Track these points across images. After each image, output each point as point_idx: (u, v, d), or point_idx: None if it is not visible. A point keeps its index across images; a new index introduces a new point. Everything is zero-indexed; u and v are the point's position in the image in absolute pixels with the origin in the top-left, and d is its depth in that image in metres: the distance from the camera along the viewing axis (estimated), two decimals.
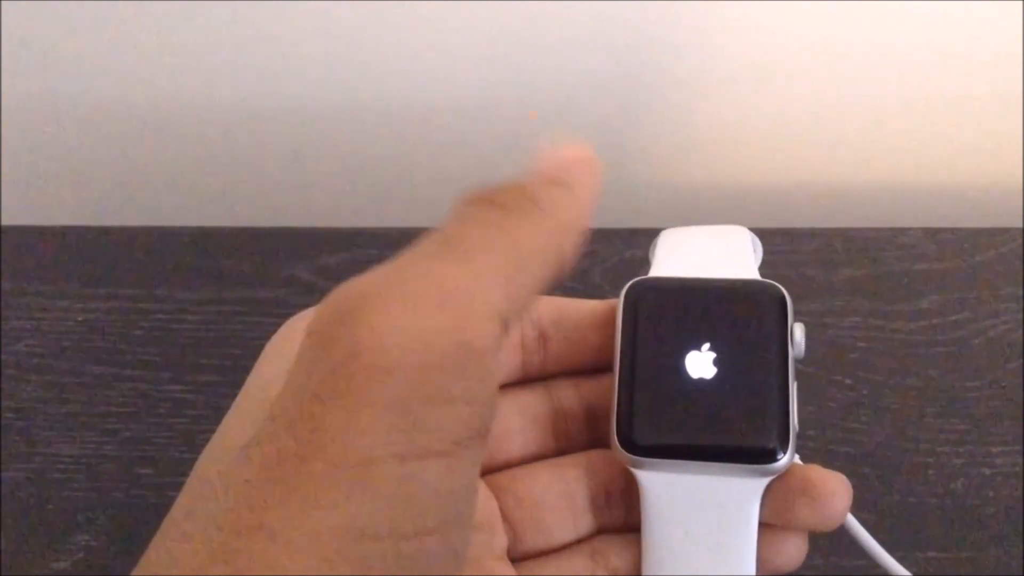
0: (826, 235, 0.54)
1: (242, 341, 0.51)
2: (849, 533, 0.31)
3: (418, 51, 0.59)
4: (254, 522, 0.20)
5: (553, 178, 0.24)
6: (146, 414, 0.48)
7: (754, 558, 0.27)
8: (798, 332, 0.28)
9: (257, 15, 0.58)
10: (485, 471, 0.29)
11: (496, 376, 0.22)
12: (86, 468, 0.47)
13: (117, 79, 0.61)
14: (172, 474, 0.46)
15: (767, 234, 0.32)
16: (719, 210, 0.64)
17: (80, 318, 0.52)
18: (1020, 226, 0.54)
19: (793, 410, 0.27)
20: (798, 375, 0.28)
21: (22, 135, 0.64)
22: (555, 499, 0.28)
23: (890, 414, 0.47)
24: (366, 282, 0.21)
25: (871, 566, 0.32)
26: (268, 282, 0.53)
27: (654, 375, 0.28)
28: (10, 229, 0.57)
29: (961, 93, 0.59)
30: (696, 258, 0.30)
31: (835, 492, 0.27)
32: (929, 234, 0.54)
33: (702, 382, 0.28)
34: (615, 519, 0.29)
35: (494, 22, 0.58)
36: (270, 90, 0.62)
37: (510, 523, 0.28)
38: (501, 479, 0.29)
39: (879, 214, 0.64)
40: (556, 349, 0.30)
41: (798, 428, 0.27)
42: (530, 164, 0.25)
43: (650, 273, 0.30)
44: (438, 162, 0.65)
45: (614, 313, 0.29)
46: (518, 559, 0.28)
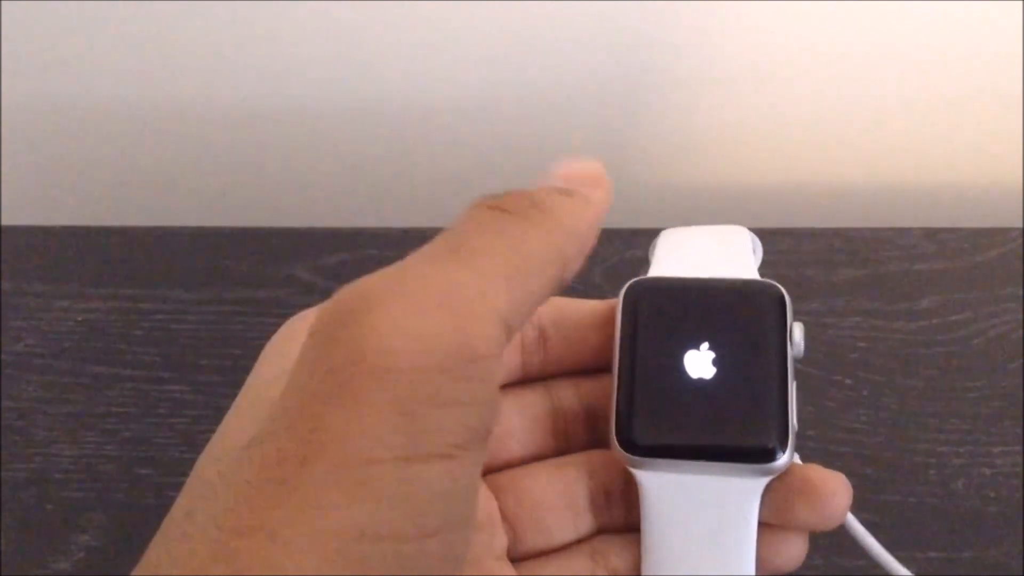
0: (826, 235, 0.54)
1: (242, 341, 0.51)
2: (849, 533, 0.31)
3: (418, 51, 0.59)
4: (254, 522, 0.20)
5: (561, 187, 0.25)
6: (146, 414, 0.48)
7: (754, 558, 0.27)
8: (797, 332, 0.28)
9: (257, 15, 0.58)
10: (485, 471, 0.29)
11: (498, 379, 0.22)
12: (86, 468, 0.47)
13: (117, 79, 0.61)
14: (172, 474, 0.46)
15: (767, 234, 0.32)
16: (719, 210, 0.64)
17: (80, 318, 0.52)
18: (1020, 226, 0.54)
19: (792, 409, 0.27)
20: (798, 375, 0.28)
21: (22, 135, 0.64)
22: (555, 499, 0.28)
23: (890, 414, 0.47)
24: (369, 283, 0.21)
25: (871, 566, 0.32)
26: (268, 282, 0.53)
27: (653, 375, 0.28)
28: (10, 229, 0.57)
29: (961, 93, 0.59)
30: (695, 258, 0.30)
31: (835, 491, 0.27)
32: (929, 234, 0.54)
33: (701, 382, 0.27)
34: (615, 519, 0.29)
35: (494, 22, 0.58)
36: (270, 90, 0.62)
37: (510, 523, 0.28)
38: (501, 479, 0.29)
39: (879, 214, 0.64)
40: (556, 349, 0.30)
41: (797, 427, 0.27)
42: (540, 177, 0.25)
43: (649, 273, 0.30)
44: (438, 162, 0.65)
45: (614, 313, 0.29)
46: (518, 559, 0.28)
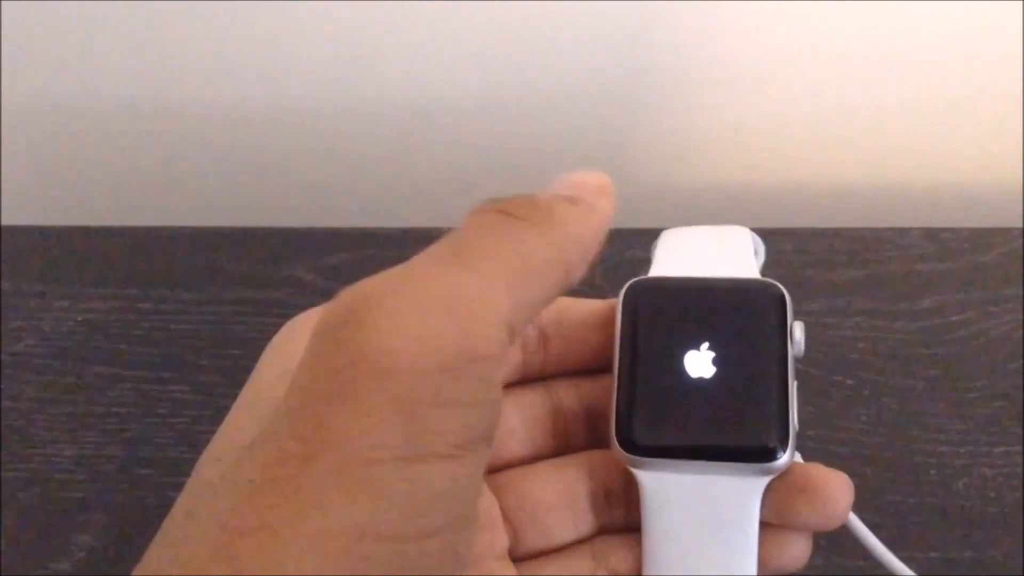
0: (826, 235, 0.54)
1: (242, 341, 0.51)
2: (850, 532, 0.31)
3: (418, 51, 0.59)
4: (257, 522, 0.20)
5: (566, 195, 0.25)
6: (146, 414, 0.48)
7: (755, 558, 0.27)
8: (798, 331, 0.28)
9: (257, 15, 0.58)
10: (486, 471, 0.29)
11: (499, 381, 0.22)
12: (86, 468, 0.47)
13: (117, 79, 0.61)
14: (172, 474, 0.46)
15: (767, 234, 0.32)
16: (719, 210, 0.64)
17: (80, 318, 0.52)
18: (1020, 226, 0.54)
19: (793, 409, 0.27)
20: (798, 374, 0.28)
21: (22, 135, 0.64)
22: (555, 499, 0.28)
23: (890, 414, 0.47)
24: (373, 285, 0.21)
25: (872, 566, 0.32)
26: (268, 282, 0.53)
27: (653, 375, 0.28)
28: (10, 229, 0.57)
29: (961, 93, 0.59)
30: (696, 258, 0.30)
31: (837, 491, 0.27)
32: (929, 234, 0.54)
33: (701, 381, 0.27)
34: (616, 519, 0.29)
35: (494, 22, 0.58)
36: (270, 90, 0.62)
37: (510, 523, 0.28)
38: (501, 479, 0.29)
39: (879, 214, 0.64)
40: (556, 349, 0.30)
41: (798, 427, 0.27)
42: (547, 184, 0.25)
43: (650, 273, 0.30)
44: (438, 162, 0.65)
45: (614, 313, 0.29)
46: (519, 559, 0.28)
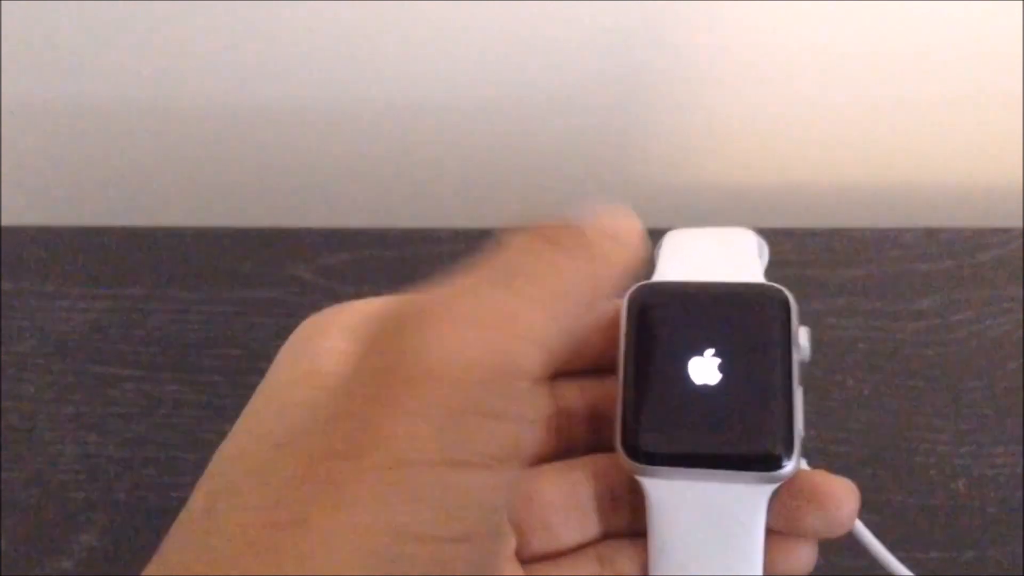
0: (826, 235, 0.54)
1: (243, 341, 0.51)
2: (851, 533, 0.31)
3: (418, 51, 0.59)
4: (292, 517, 0.20)
5: (604, 230, 0.26)
6: (147, 414, 0.48)
7: (761, 565, 0.27)
8: (803, 336, 0.28)
9: (257, 15, 0.58)
10: None
11: (536, 402, 0.23)
12: (87, 468, 0.47)
13: (117, 79, 0.61)
14: (174, 474, 0.46)
15: (767, 234, 0.32)
16: (719, 210, 0.64)
17: (80, 318, 0.52)
18: (1020, 226, 0.54)
19: (798, 416, 0.27)
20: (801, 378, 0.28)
21: (22, 135, 0.64)
22: (562, 501, 0.28)
23: (891, 414, 0.47)
24: (422, 299, 0.22)
25: (872, 566, 0.32)
26: (269, 282, 0.53)
27: (658, 381, 0.28)
28: (10, 229, 0.57)
29: (961, 93, 0.59)
30: (701, 261, 0.30)
31: (843, 498, 0.27)
32: (929, 234, 0.54)
33: (706, 388, 0.27)
34: (621, 522, 0.29)
35: (494, 22, 0.58)
36: (270, 90, 0.62)
37: (516, 524, 0.28)
38: None
39: (879, 214, 0.64)
40: None
41: (803, 433, 0.27)
42: (581, 218, 0.26)
43: (654, 276, 0.30)
44: (438, 162, 0.65)
45: (617, 315, 0.29)
46: (525, 561, 0.28)
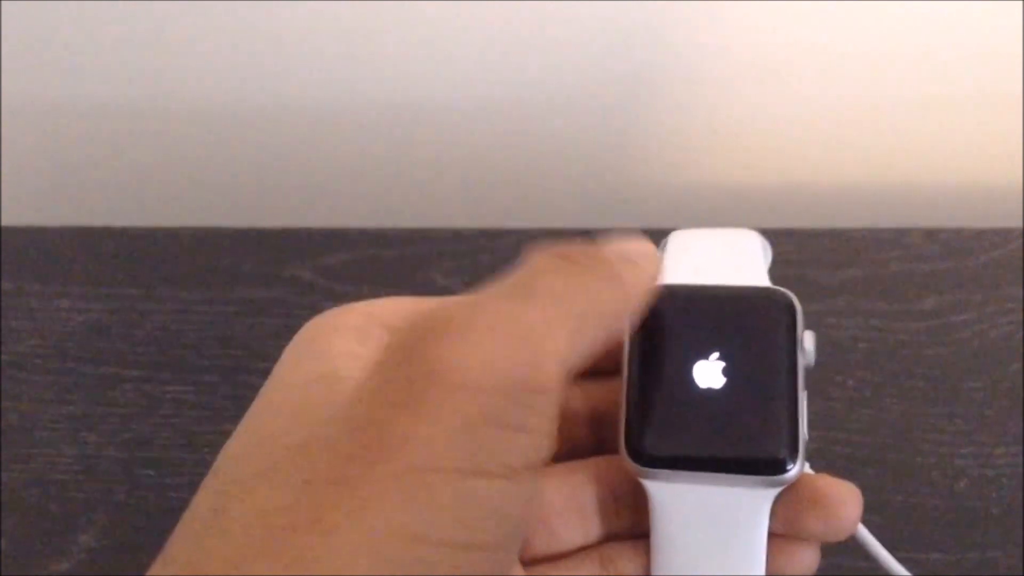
0: (827, 236, 0.54)
1: (243, 341, 0.51)
2: (853, 535, 0.31)
3: (418, 51, 0.59)
4: (311, 519, 0.20)
5: (623, 253, 0.27)
6: (147, 414, 0.48)
7: (763, 568, 0.27)
8: (808, 340, 0.28)
9: (257, 15, 0.58)
10: None
11: (555, 417, 0.23)
12: (87, 469, 0.47)
13: (117, 79, 0.61)
14: (174, 474, 0.46)
15: (768, 234, 0.32)
16: (720, 210, 0.64)
17: (80, 318, 0.52)
18: (1020, 226, 0.54)
19: (803, 420, 0.27)
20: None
21: (22, 135, 0.64)
22: (563, 503, 0.28)
23: (892, 415, 0.47)
24: (447, 310, 0.23)
25: (873, 567, 0.32)
26: (269, 282, 0.53)
27: (662, 384, 0.28)
28: (10, 229, 0.57)
29: (961, 93, 0.59)
30: (706, 263, 0.30)
31: (846, 503, 0.27)
32: (929, 234, 0.54)
33: (711, 392, 0.27)
34: (623, 525, 0.29)
35: (494, 22, 0.58)
36: (270, 90, 0.62)
37: None
38: None
39: (879, 214, 0.64)
40: None
41: (808, 437, 0.27)
42: (600, 241, 0.27)
43: (659, 277, 0.30)
44: (438, 162, 0.65)
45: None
46: (527, 563, 0.28)
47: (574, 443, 0.30)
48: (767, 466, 0.26)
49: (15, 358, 0.51)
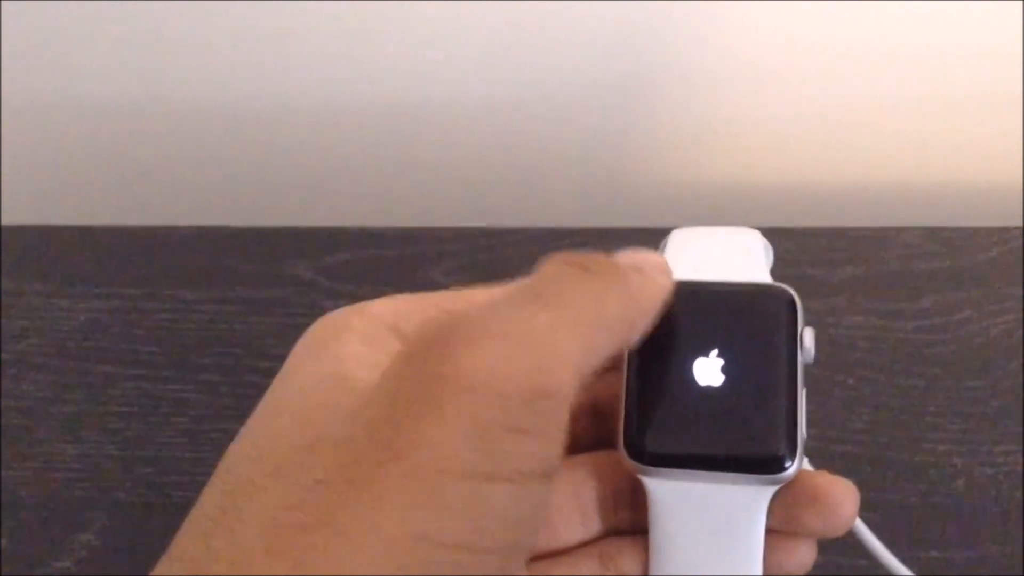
0: (827, 235, 0.54)
1: (244, 341, 0.51)
2: (852, 532, 0.31)
3: (418, 51, 0.59)
4: (320, 519, 0.20)
5: (636, 264, 0.27)
6: (148, 414, 0.48)
7: (761, 565, 0.27)
8: (808, 337, 0.28)
9: (257, 15, 0.58)
10: None
11: (565, 423, 0.23)
12: (88, 468, 0.47)
13: (117, 79, 0.61)
14: (174, 473, 0.46)
15: (767, 233, 0.32)
16: (720, 209, 0.64)
17: (81, 318, 0.52)
18: (1020, 225, 0.54)
19: (802, 418, 0.27)
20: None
21: (22, 135, 0.64)
22: (564, 500, 0.29)
23: (891, 413, 0.47)
24: (461, 315, 0.23)
25: (872, 566, 0.32)
26: (269, 282, 0.53)
27: (662, 382, 0.28)
28: (10, 229, 0.57)
29: (961, 93, 0.59)
30: (707, 261, 0.30)
31: (843, 500, 0.27)
32: (929, 234, 0.54)
33: (710, 389, 0.27)
34: (623, 521, 0.29)
35: (494, 22, 0.58)
36: (270, 90, 0.62)
37: None
38: None
39: (879, 213, 0.64)
40: None
41: (806, 435, 0.27)
42: (613, 253, 0.27)
43: None
44: (438, 162, 0.65)
45: None
46: (527, 559, 0.28)
47: (574, 436, 0.30)
48: (766, 464, 0.26)
49: (16, 357, 0.51)
